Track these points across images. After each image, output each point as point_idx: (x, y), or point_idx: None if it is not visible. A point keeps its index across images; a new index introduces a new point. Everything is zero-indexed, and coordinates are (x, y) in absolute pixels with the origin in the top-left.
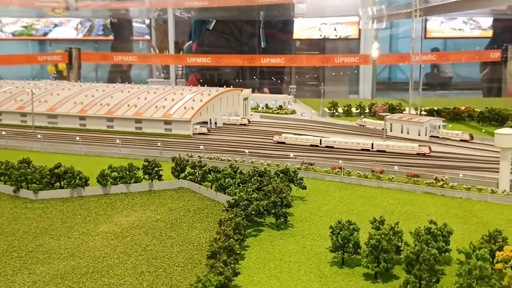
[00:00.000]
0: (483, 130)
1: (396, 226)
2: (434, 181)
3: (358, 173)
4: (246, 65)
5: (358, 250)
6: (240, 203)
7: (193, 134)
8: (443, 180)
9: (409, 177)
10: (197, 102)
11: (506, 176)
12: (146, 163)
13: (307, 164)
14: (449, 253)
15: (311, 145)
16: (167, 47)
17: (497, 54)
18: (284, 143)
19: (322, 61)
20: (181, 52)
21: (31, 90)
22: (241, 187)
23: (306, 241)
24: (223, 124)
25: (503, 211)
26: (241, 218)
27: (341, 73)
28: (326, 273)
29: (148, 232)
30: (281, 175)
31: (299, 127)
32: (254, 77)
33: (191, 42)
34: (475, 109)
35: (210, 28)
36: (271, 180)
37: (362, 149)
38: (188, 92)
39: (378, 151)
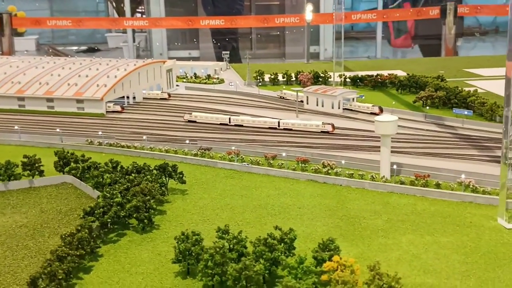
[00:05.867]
0: (394, 102)
1: (240, 234)
2: (320, 167)
3: (250, 159)
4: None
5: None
6: (96, 211)
7: (107, 112)
8: (329, 165)
9: (299, 162)
10: (111, 78)
11: (386, 163)
12: (25, 160)
13: (203, 150)
14: (292, 257)
15: (221, 124)
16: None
17: (436, 11)
18: (195, 121)
19: (262, 21)
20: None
21: None
22: (109, 188)
23: (164, 247)
24: (143, 98)
25: (374, 201)
26: (86, 232)
27: (287, 32)
28: (167, 286)
29: (6, 241)
30: (156, 171)
31: (220, 100)
32: (195, 40)
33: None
34: (397, 75)
35: None
36: (145, 178)
37: (270, 128)
38: (105, 67)
39: (284, 129)
